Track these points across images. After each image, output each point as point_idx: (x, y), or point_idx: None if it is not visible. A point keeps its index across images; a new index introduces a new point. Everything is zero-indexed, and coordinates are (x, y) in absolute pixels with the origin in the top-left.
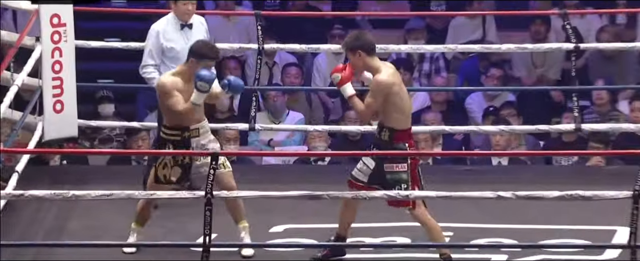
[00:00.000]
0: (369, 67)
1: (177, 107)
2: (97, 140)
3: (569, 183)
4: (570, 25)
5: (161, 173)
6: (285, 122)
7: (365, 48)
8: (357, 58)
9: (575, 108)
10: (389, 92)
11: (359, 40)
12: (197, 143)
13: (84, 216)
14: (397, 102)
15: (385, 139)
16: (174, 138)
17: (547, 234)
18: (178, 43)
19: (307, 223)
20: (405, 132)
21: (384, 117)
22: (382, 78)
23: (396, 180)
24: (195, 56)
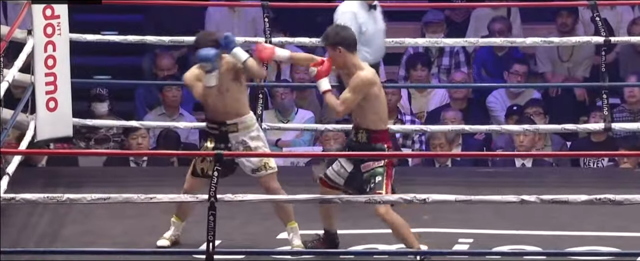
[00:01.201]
0: (348, 64)
1: (197, 96)
2: (93, 140)
3: (598, 186)
4: (600, 17)
5: (199, 167)
6: (294, 121)
7: (346, 44)
8: (337, 54)
9: (604, 107)
10: (369, 91)
11: (338, 35)
12: (236, 138)
13: (79, 221)
14: (375, 103)
15: (363, 140)
16: (214, 132)
17: (574, 241)
18: (370, 25)
19: (317, 229)
20: (383, 133)
21: (359, 118)
22: (365, 75)
23: (372, 174)
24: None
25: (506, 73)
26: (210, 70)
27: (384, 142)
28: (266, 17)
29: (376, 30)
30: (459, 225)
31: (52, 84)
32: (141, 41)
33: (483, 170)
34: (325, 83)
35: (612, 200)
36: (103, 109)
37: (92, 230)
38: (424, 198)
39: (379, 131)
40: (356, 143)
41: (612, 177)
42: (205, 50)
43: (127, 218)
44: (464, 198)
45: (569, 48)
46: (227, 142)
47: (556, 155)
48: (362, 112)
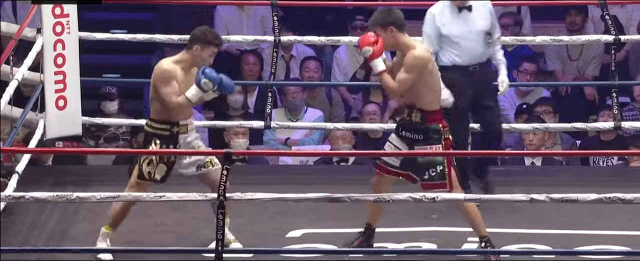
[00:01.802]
0: (400, 44)
1: (171, 98)
2: (103, 138)
3: (607, 185)
4: (610, 15)
5: (145, 170)
6: (304, 120)
7: (397, 24)
8: (389, 34)
9: (614, 105)
10: (424, 69)
11: (390, 16)
12: (184, 140)
13: (88, 219)
14: (429, 80)
15: (416, 120)
16: (162, 133)
17: (584, 240)
18: (455, 27)
19: (327, 227)
20: (437, 113)
21: (415, 97)
22: (419, 53)
23: (429, 161)
24: (199, 42)
25: (515, 71)
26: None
27: (438, 123)
28: (275, 16)
29: (466, 32)
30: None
31: (61, 83)
32: (150, 39)
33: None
34: (381, 63)
35: (621, 198)
36: (113, 107)
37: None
38: (433, 197)
39: (433, 111)
40: (409, 122)
41: (622, 175)
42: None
43: (136, 217)
44: (473, 196)
45: (579, 46)
46: (175, 143)
47: (566, 153)
48: (417, 90)
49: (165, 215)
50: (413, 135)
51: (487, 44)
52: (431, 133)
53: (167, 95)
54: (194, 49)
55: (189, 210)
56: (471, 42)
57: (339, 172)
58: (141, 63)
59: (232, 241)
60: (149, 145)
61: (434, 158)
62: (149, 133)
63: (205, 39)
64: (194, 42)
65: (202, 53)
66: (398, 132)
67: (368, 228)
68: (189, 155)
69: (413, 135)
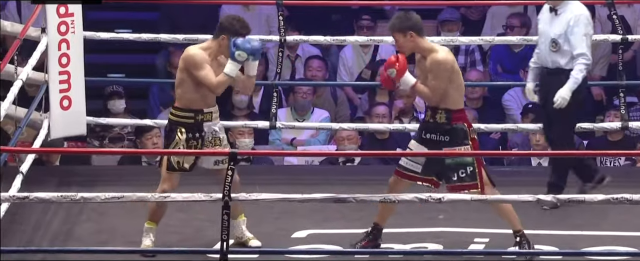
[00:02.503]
0: (420, 48)
1: (210, 80)
2: (107, 138)
3: (615, 185)
4: (617, 15)
5: (174, 160)
6: (311, 120)
7: (416, 28)
8: (408, 39)
9: (621, 105)
10: (452, 70)
11: (409, 20)
12: (209, 127)
13: (93, 220)
14: (456, 80)
15: (441, 121)
16: (186, 121)
17: (591, 241)
18: (541, 26)
19: (332, 228)
20: (462, 112)
21: (439, 97)
22: (443, 57)
23: (458, 162)
24: (226, 32)
25: (522, 71)
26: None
27: (463, 122)
28: (280, 15)
29: (543, 32)
30: (475, 225)
31: (66, 82)
32: (155, 39)
33: (499, 170)
34: (410, 78)
35: (629, 199)
36: (121, 106)
37: (105, 229)
38: (439, 198)
39: (458, 110)
40: (434, 123)
41: (629, 176)
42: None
43: (141, 217)
44: (479, 197)
45: None
46: (201, 131)
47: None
48: (445, 90)
49: (169, 216)
50: (438, 137)
51: (552, 51)
52: (457, 133)
53: (205, 77)
54: (220, 38)
55: (193, 210)
56: (542, 45)
57: (345, 173)
58: (146, 63)
59: (250, 239)
60: (175, 134)
61: (464, 158)
62: (173, 122)
63: (232, 29)
64: (221, 31)
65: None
66: (420, 136)
67: (375, 228)
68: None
69: (438, 137)
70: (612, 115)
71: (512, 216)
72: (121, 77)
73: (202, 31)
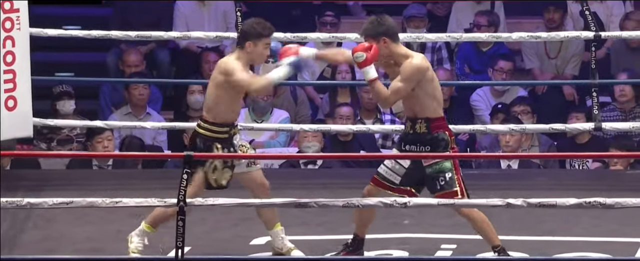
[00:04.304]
0: (395, 55)
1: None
2: (56, 141)
3: (587, 189)
4: (590, 11)
5: (211, 178)
6: (269, 121)
7: (390, 33)
8: (382, 45)
9: (594, 105)
10: (422, 78)
11: (382, 25)
12: (237, 140)
13: (40, 226)
14: (430, 89)
15: (422, 131)
16: (222, 137)
17: (563, 247)
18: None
19: (293, 234)
20: (443, 120)
21: (417, 107)
22: (417, 63)
23: (438, 170)
24: (251, 38)
25: (491, 70)
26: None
27: (444, 130)
28: (239, 11)
29: None
30: (442, 230)
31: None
32: (106, 36)
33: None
34: (373, 71)
35: (602, 203)
36: (71, 107)
37: (53, 236)
38: (405, 202)
39: (438, 118)
40: (414, 134)
41: (602, 179)
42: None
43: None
44: (446, 201)
45: (557, 44)
46: (233, 145)
47: (543, 156)
48: (419, 100)
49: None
50: (418, 147)
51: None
52: (438, 142)
53: (246, 80)
54: (246, 46)
55: None
56: None
57: (306, 176)
58: (96, 61)
59: (292, 249)
60: (211, 151)
61: (443, 165)
62: (208, 138)
63: (255, 32)
64: (245, 38)
65: (256, 48)
66: (400, 148)
67: (355, 240)
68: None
69: (418, 148)
70: (574, 118)
71: (489, 231)
72: (70, 76)
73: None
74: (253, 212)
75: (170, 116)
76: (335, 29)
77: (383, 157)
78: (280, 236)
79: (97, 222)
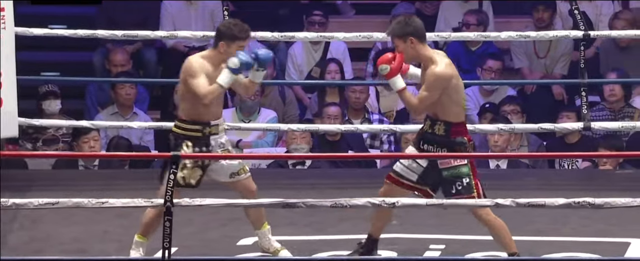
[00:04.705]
0: (421, 56)
1: (199, 89)
2: (41, 141)
3: (576, 189)
4: (579, 10)
5: (180, 176)
6: (257, 121)
7: (418, 34)
8: (409, 46)
9: (583, 105)
10: (447, 86)
11: (410, 25)
12: (216, 141)
13: (26, 227)
14: (454, 96)
15: (440, 133)
16: (193, 135)
17: (552, 247)
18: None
19: (280, 235)
20: (462, 125)
21: (439, 109)
22: (441, 71)
23: (455, 175)
24: (225, 38)
25: (479, 69)
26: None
27: (463, 135)
28: (226, 10)
29: None
30: (431, 230)
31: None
32: (92, 35)
33: None
34: (400, 81)
35: (591, 203)
36: (57, 107)
37: (40, 237)
38: (393, 203)
39: (459, 123)
40: (432, 135)
41: (591, 179)
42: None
43: (78, 224)
44: (435, 201)
45: (546, 43)
46: (208, 145)
47: (532, 156)
48: (442, 105)
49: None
50: (435, 149)
51: None
52: (456, 147)
53: (196, 86)
54: (219, 46)
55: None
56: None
57: (294, 176)
58: (82, 60)
59: (280, 250)
60: (180, 149)
61: (460, 170)
62: (179, 136)
63: (230, 34)
64: (218, 38)
65: (229, 49)
66: (418, 145)
67: (369, 240)
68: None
69: (435, 149)
70: (565, 117)
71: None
72: (56, 75)
73: (143, 27)
74: (241, 212)
75: (157, 116)
76: (323, 29)
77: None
78: (268, 237)
79: (83, 223)
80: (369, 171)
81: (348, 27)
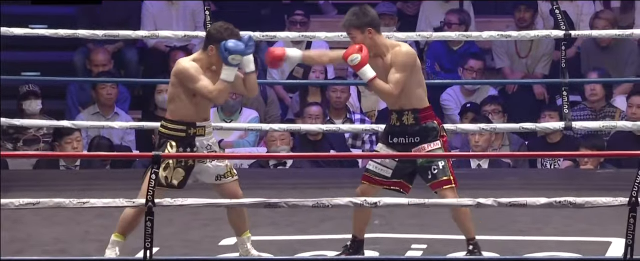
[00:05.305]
0: (379, 46)
1: (208, 90)
2: (22, 141)
3: (557, 188)
4: (560, 10)
5: (162, 176)
6: (238, 120)
7: (374, 24)
8: (366, 36)
9: (564, 104)
10: (414, 65)
11: (366, 16)
12: (201, 143)
13: (7, 227)
14: (418, 76)
15: (409, 123)
16: (177, 135)
17: (534, 246)
18: None
19: (262, 235)
20: (429, 109)
21: (403, 98)
22: (408, 49)
23: (429, 160)
24: (214, 42)
25: (461, 69)
26: (237, 64)
27: (433, 119)
28: (207, 10)
29: None
30: (412, 230)
31: None
32: (73, 35)
33: None
34: (370, 70)
35: (572, 203)
36: (38, 107)
37: (20, 237)
38: (375, 202)
39: (426, 108)
40: (400, 127)
41: (572, 178)
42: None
43: (58, 225)
44: (417, 201)
45: (528, 43)
46: (192, 146)
47: (512, 155)
48: (405, 90)
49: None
50: (407, 139)
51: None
52: (428, 132)
53: (203, 89)
54: (209, 49)
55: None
56: None
57: (276, 176)
58: (63, 60)
59: None
60: (164, 148)
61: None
62: (163, 135)
63: (220, 37)
64: (209, 41)
65: (218, 53)
66: (387, 140)
67: (354, 241)
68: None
69: (408, 140)
70: (547, 116)
71: (468, 223)
72: (36, 75)
73: (124, 27)
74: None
75: (139, 116)
76: (304, 28)
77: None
78: (247, 245)
79: (64, 223)
80: (351, 170)
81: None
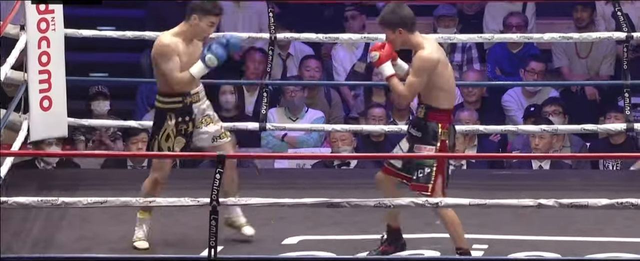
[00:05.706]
0: (410, 44)
1: (172, 74)
2: (91, 141)
3: (618, 190)
4: (622, 12)
5: (165, 146)
6: (304, 120)
7: (405, 23)
8: (397, 36)
9: (626, 106)
10: (433, 70)
11: (396, 14)
12: (198, 108)
13: (75, 225)
14: (438, 82)
15: (420, 116)
16: (175, 107)
17: (595, 247)
18: None
19: (325, 234)
20: (443, 112)
21: (424, 92)
22: (427, 55)
23: (420, 162)
24: (197, 12)
25: (522, 71)
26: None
27: (438, 122)
28: (271, 12)
29: None
30: (474, 230)
31: (46, 82)
32: (140, 37)
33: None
34: (389, 68)
35: (634, 204)
36: (106, 107)
37: (88, 236)
38: (436, 202)
39: (439, 109)
40: (416, 118)
41: (634, 180)
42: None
43: (126, 223)
44: (478, 201)
45: (588, 44)
46: (191, 114)
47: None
48: (426, 89)
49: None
50: (416, 131)
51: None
52: (429, 131)
53: (169, 72)
54: (192, 19)
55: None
56: None
57: (339, 176)
58: (130, 61)
59: (244, 225)
60: (164, 122)
61: (426, 160)
62: (161, 110)
63: (203, 8)
64: (191, 12)
65: (201, 23)
66: (408, 130)
67: (389, 231)
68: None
69: (415, 132)
70: (613, 117)
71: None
72: (104, 76)
73: None
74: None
75: None
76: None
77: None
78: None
79: (131, 221)
80: None
81: None
